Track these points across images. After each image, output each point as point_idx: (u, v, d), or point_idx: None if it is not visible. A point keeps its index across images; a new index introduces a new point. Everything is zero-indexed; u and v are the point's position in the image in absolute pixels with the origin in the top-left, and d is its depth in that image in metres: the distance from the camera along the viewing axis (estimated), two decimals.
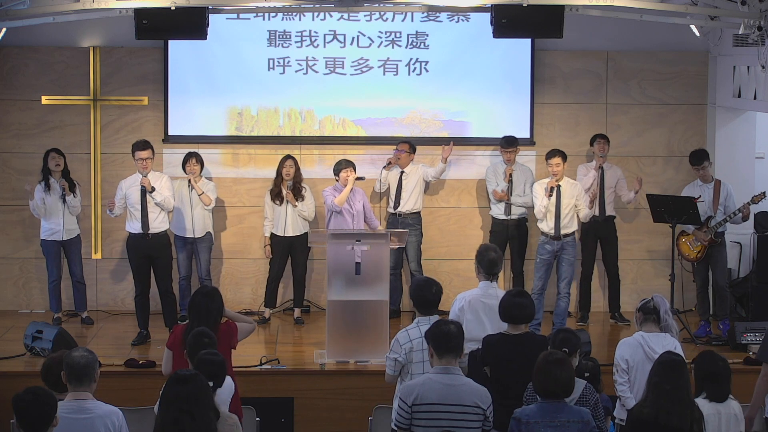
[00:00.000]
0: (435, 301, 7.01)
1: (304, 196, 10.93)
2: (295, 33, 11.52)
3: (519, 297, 6.99)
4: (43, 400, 5.16)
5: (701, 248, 10.41)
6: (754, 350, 9.28)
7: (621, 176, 11.17)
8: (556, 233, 10.48)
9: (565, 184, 10.56)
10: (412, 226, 11.08)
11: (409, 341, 6.85)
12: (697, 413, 5.78)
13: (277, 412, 9.00)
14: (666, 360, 5.87)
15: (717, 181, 10.55)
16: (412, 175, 11.19)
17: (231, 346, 7.17)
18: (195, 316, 7.01)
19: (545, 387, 5.72)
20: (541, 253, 10.61)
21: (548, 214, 10.50)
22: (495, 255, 7.66)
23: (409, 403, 5.90)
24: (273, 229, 10.99)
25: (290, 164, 10.93)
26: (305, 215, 10.96)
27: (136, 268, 10.35)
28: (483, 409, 5.93)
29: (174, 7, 9.55)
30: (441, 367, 5.99)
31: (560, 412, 5.69)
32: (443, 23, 11.56)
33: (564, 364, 5.73)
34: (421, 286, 7.08)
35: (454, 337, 6.02)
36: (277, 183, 10.97)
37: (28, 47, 11.42)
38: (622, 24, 11.18)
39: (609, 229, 11.17)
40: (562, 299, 10.58)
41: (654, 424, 5.68)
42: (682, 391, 5.75)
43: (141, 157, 10.20)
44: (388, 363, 6.94)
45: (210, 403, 5.29)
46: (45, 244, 10.81)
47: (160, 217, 10.28)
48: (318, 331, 10.42)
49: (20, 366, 9.35)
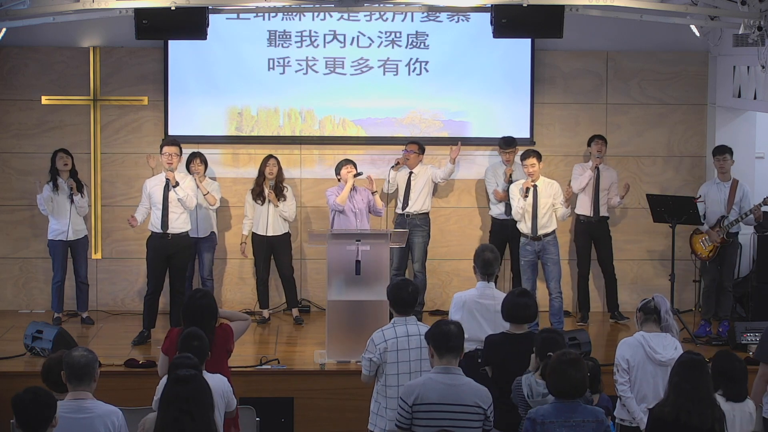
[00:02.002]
0: (411, 301, 6.97)
1: (285, 196, 10.92)
2: (295, 33, 11.52)
3: (522, 297, 7.01)
4: (42, 400, 5.16)
5: (713, 248, 10.41)
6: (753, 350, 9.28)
7: (615, 180, 11.16)
8: (534, 233, 10.47)
9: (542, 183, 10.55)
10: (420, 227, 11.07)
11: (384, 341, 6.83)
12: (718, 412, 5.77)
13: (277, 412, 9.00)
14: (686, 359, 5.86)
15: (735, 181, 10.51)
16: (420, 175, 11.17)
17: (228, 350, 7.03)
18: (190, 320, 6.90)
19: (559, 387, 5.71)
20: (524, 255, 10.62)
21: (525, 215, 10.50)
22: (491, 255, 7.66)
23: (410, 402, 5.91)
24: (252, 228, 10.99)
25: (273, 163, 10.93)
26: (286, 215, 10.94)
27: (152, 267, 10.26)
28: (484, 409, 5.93)
29: (174, 7, 9.55)
30: (442, 367, 5.99)
31: (575, 412, 5.69)
32: (443, 23, 11.56)
33: (577, 363, 5.73)
34: (398, 285, 7.05)
35: (455, 337, 6.02)
36: (259, 182, 10.95)
37: (28, 47, 11.42)
38: (622, 24, 11.18)
39: (602, 229, 11.18)
40: (554, 299, 10.58)
41: (675, 423, 5.67)
42: (702, 390, 5.74)
43: (168, 152, 10.12)
44: (363, 363, 6.92)
45: (210, 403, 5.29)
46: (52, 244, 10.81)
47: (182, 217, 10.21)
48: (318, 331, 10.42)
49: (20, 366, 9.35)
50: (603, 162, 11.14)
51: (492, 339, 6.98)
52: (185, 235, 10.33)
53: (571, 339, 9.35)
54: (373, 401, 6.94)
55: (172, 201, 10.14)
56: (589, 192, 11.01)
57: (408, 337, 6.83)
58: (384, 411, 6.81)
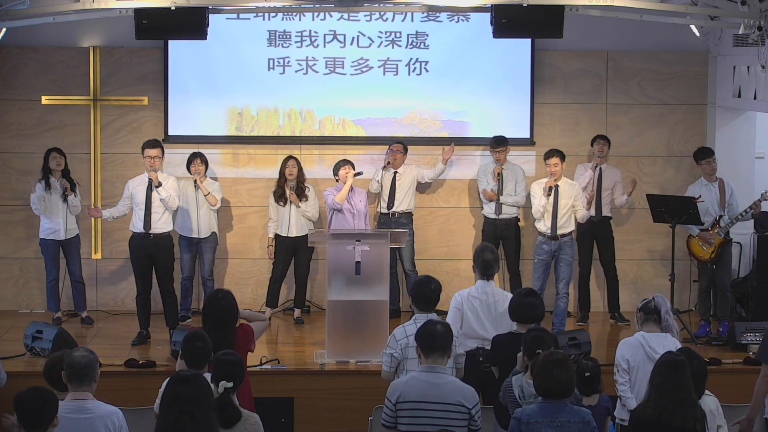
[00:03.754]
0: (434, 298, 7.03)
1: (307, 196, 10.92)
2: (295, 33, 11.52)
3: (530, 297, 7.05)
4: (44, 398, 5.17)
5: (714, 249, 10.41)
6: (754, 350, 9.28)
7: (619, 179, 11.16)
8: (553, 233, 10.49)
9: (564, 184, 10.57)
10: (406, 226, 11.06)
11: (405, 337, 6.87)
12: (700, 412, 5.80)
13: (277, 412, 9.00)
14: (667, 360, 5.89)
15: (720, 180, 10.55)
16: (405, 175, 11.18)
17: (249, 350, 7.11)
18: (210, 320, 6.92)
19: (546, 387, 5.72)
20: (539, 254, 10.62)
21: (546, 214, 10.51)
22: (491, 257, 7.68)
23: (393, 401, 5.95)
24: (277, 230, 10.99)
25: (293, 164, 10.93)
26: (309, 215, 10.95)
27: (137, 268, 10.32)
28: (468, 408, 5.92)
29: (174, 7, 9.55)
30: (426, 366, 6.02)
31: (561, 412, 5.69)
32: (443, 23, 11.56)
33: (565, 364, 5.73)
34: (421, 282, 7.11)
35: (441, 337, 6.04)
36: (281, 184, 10.95)
37: (28, 47, 11.42)
38: (622, 24, 11.18)
39: (605, 229, 11.17)
40: (561, 300, 10.59)
41: (657, 423, 5.70)
42: (684, 390, 5.76)
43: (150, 155, 10.19)
44: (384, 359, 6.97)
45: (211, 403, 5.28)
46: (44, 243, 10.81)
47: (163, 217, 10.27)
48: (318, 331, 10.42)
49: (20, 366, 9.34)
50: (606, 162, 11.13)
51: (499, 339, 7.00)
52: (167, 236, 10.35)
53: (571, 339, 9.36)
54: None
55: (154, 201, 10.17)
56: (590, 192, 11.00)
57: None
58: None
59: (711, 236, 10.39)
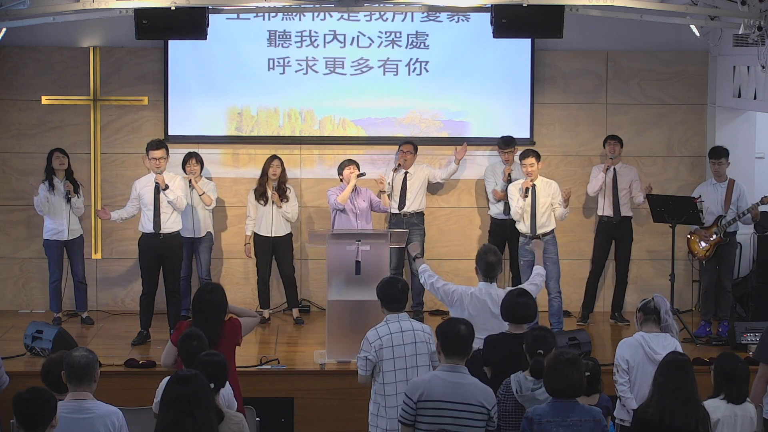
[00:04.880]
0: (402, 297, 7.00)
1: (288, 197, 10.90)
2: (295, 33, 11.52)
3: (522, 297, 7.02)
4: (43, 398, 5.16)
5: (710, 247, 10.41)
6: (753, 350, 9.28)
7: (635, 178, 11.12)
8: (533, 233, 10.47)
9: (540, 183, 10.56)
10: (417, 226, 11.07)
11: (379, 338, 6.84)
12: (702, 413, 5.79)
13: (277, 412, 9.00)
14: (671, 360, 5.89)
15: (731, 181, 10.53)
16: (416, 175, 11.17)
17: (236, 344, 7.15)
18: (199, 314, 6.99)
19: (557, 386, 5.73)
20: (523, 255, 10.61)
21: (524, 215, 10.50)
22: (494, 259, 7.65)
23: (414, 399, 5.94)
24: (255, 228, 10.98)
25: (277, 164, 10.91)
26: (289, 216, 10.93)
27: (145, 268, 10.30)
28: (488, 409, 5.95)
29: (174, 7, 9.56)
30: (448, 365, 6.03)
31: (572, 412, 5.71)
32: (443, 23, 11.56)
33: (575, 363, 5.75)
34: (387, 283, 7.07)
35: (465, 339, 6.05)
36: (262, 182, 10.93)
37: (28, 47, 11.42)
38: (622, 24, 11.18)
39: (624, 229, 11.12)
40: (554, 299, 10.57)
41: (659, 423, 5.70)
42: (687, 390, 5.76)
43: (155, 156, 10.18)
44: (359, 363, 6.91)
45: (211, 403, 5.29)
46: (48, 243, 10.81)
47: (172, 217, 10.26)
48: (318, 331, 10.42)
49: (20, 366, 9.34)
50: (621, 161, 11.11)
51: (491, 339, 6.99)
52: (177, 235, 10.36)
53: (571, 339, 9.36)
54: (372, 402, 6.94)
55: (162, 201, 10.18)
56: (607, 193, 10.97)
57: (402, 333, 6.85)
58: (384, 411, 6.82)
59: (708, 234, 10.40)
